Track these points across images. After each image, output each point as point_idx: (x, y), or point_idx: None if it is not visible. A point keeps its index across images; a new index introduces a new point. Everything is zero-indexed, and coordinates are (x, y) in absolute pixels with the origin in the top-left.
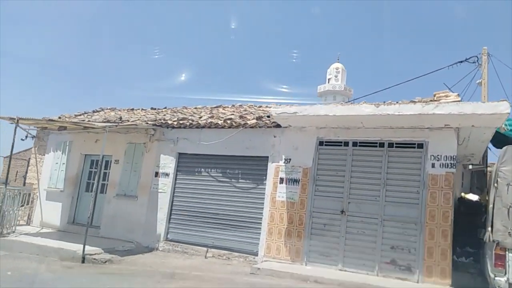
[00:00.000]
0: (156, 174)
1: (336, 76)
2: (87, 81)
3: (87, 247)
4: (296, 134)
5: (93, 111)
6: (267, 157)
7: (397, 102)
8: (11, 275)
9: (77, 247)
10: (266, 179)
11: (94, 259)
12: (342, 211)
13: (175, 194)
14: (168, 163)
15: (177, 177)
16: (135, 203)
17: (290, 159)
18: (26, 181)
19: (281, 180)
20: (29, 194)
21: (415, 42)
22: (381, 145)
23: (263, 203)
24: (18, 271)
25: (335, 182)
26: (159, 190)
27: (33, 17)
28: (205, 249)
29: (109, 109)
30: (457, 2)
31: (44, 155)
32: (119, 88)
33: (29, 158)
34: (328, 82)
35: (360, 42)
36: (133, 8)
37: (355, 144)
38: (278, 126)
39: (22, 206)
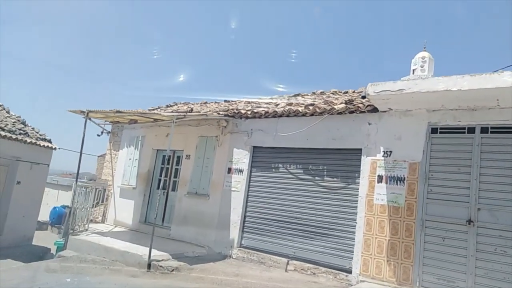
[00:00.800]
0: (229, 170)
1: (422, 66)
2: (86, 81)
3: (154, 252)
4: (399, 119)
5: (166, 106)
6: (360, 149)
7: None
8: (69, 282)
9: (143, 251)
10: (359, 176)
11: (161, 266)
12: (469, 221)
13: (249, 194)
14: (241, 158)
15: (252, 173)
16: (207, 203)
17: (391, 152)
18: (102, 177)
19: (380, 178)
20: (104, 191)
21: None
22: None
23: (356, 207)
24: (78, 278)
25: (457, 182)
26: (232, 189)
27: (32, 17)
28: (285, 260)
29: (183, 103)
30: None
31: (118, 151)
32: (118, 87)
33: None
34: (413, 73)
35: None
36: (133, 8)
37: (484, 130)
38: (374, 110)
39: (97, 203)
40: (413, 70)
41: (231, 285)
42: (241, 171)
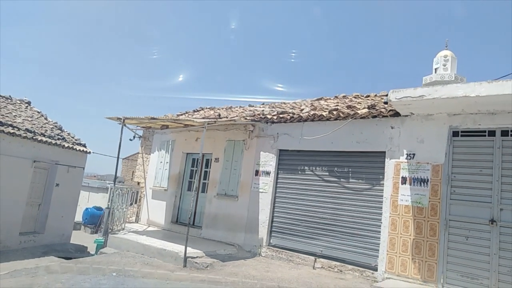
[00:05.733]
0: (257, 172)
1: (444, 65)
2: (85, 81)
3: (189, 249)
4: (421, 123)
5: (194, 111)
6: (384, 152)
7: None
8: (115, 276)
9: (179, 249)
10: (383, 178)
11: (196, 262)
12: (492, 221)
13: (277, 195)
14: (268, 161)
15: (279, 175)
16: (236, 203)
17: (414, 154)
18: (134, 180)
19: (404, 179)
20: (137, 193)
21: None
22: None
23: (381, 207)
24: (123, 273)
25: (479, 183)
26: (260, 190)
27: (31, 17)
28: (312, 258)
29: (208, 108)
30: None
31: (149, 154)
32: (117, 88)
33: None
34: (435, 72)
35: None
36: (132, 8)
37: (505, 133)
38: (397, 114)
39: (131, 204)
40: (435, 69)
41: (263, 280)
42: (268, 173)
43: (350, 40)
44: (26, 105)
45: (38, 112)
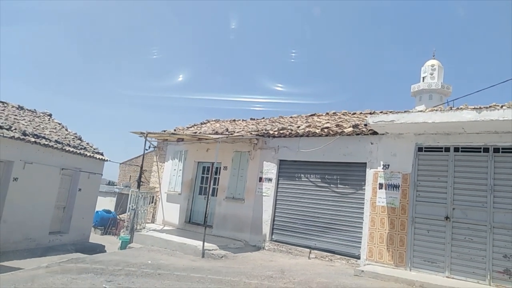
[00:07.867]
0: (260, 179)
1: (431, 74)
2: (84, 81)
3: (205, 244)
4: (394, 140)
5: (201, 123)
6: (365, 163)
7: (501, 106)
8: (151, 263)
9: (196, 243)
10: (365, 184)
11: (212, 254)
12: (446, 217)
13: (277, 198)
14: (270, 169)
15: (279, 182)
16: (243, 205)
17: (388, 165)
18: (150, 185)
19: (380, 185)
20: (153, 197)
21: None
22: (486, 150)
23: (363, 208)
24: (155, 261)
25: (437, 188)
26: (263, 194)
27: (29, 16)
28: (308, 250)
29: (214, 120)
30: None
31: (163, 163)
32: (117, 88)
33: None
34: (423, 81)
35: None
36: (132, 8)
37: (456, 149)
38: (375, 133)
39: (149, 206)
40: (423, 77)
41: (269, 266)
42: (270, 180)
43: (350, 40)
44: (48, 117)
45: (59, 124)
